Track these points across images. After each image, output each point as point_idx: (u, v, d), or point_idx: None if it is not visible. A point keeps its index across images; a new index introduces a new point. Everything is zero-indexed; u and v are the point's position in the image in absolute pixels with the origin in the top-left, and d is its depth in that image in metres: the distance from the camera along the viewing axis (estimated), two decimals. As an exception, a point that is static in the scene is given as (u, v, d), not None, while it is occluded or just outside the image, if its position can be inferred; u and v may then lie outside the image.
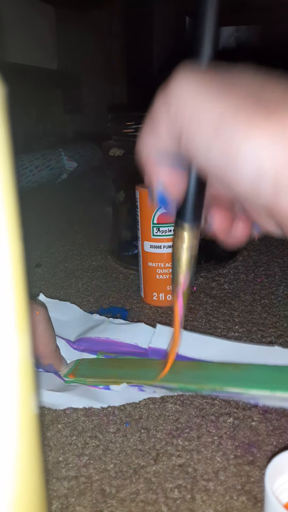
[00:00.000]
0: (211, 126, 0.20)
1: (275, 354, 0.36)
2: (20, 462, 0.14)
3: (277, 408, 0.31)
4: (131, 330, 0.40)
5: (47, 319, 0.34)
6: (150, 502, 0.24)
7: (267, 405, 0.31)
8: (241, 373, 0.35)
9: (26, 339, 0.14)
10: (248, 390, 0.32)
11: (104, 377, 0.35)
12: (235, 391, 0.33)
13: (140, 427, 0.30)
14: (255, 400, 0.32)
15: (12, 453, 0.14)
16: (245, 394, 0.32)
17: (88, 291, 0.51)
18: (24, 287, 0.14)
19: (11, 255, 0.13)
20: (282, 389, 0.32)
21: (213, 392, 0.33)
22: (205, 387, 0.33)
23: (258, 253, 0.60)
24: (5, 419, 0.13)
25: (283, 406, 0.31)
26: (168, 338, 0.39)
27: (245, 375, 0.34)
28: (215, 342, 0.38)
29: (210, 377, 0.34)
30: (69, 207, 0.93)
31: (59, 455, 0.28)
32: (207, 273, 0.55)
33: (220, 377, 0.34)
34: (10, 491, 0.14)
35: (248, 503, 0.24)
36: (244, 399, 0.32)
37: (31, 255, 0.63)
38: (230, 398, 0.32)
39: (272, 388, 0.32)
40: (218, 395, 0.33)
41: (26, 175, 1.03)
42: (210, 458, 0.27)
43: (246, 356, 0.36)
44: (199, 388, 0.33)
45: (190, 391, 0.33)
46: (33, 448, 0.15)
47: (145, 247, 0.46)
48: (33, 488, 0.15)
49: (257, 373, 0.34)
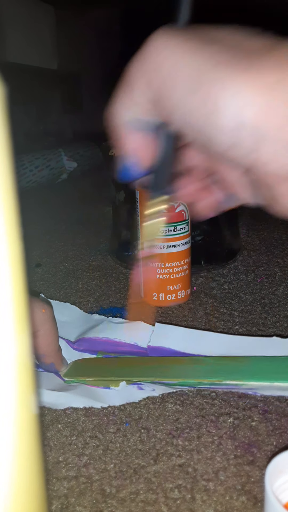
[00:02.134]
0: (189, 80, 0.19)
1: (274, 345, 0.36)
2: (20, 462, 0.14)
3: (276, 404, 0.31)
4: (130, 329, 0.40)
5: (52, 317, 0.34)
6: (150, 502, 0.24)
7: (266, 395, 0.31)
8: (240, 365, 0.35)
9: (26, 339, 0.14)
10: (247, 381, 0.33)
11: (103, 375, 0.35)
12: (234, 383, 0.33)
13: (140, 427, 0.30)
14: (254, 391, 0.32)
15: (12, 453, 0.14)
16: (244, 386, 0.32)
17: (88, 291, 0.51)
18: (24, 287, 0.14)
19: (11, 255, 0.13)
20: (281, 379, 0.32)
21: (212, 386, 0.33)
22: (204, 381, 0.33)
23: (258, 253, 0.60)
24: (5, 419, 0.13)
25: (282, 394, 0.31)
26: (167, 335, 0.39)
27: (244, 367, 0.34)
28: (213, 337, 0.38)
29: (209, 371, 0.34)
30: (69, 207, 0.93)
31: (59, 455, 0.28)
32: (207, 273, 0.55)
33: (219, 370, 0.34)
34: (10, 491, 0.14)
35: (248, 503, 0.24)
36: (243, 391, 0.32)
37: (31, 255, 0.63)
38: (229, 390, 0.32)
39: (271, 379, 0.32)
40: (217, 388, 0.33)
41: (26, 175, 1.03)
42: (210, 458, 0.27)
43: (245, 348, 0.37)
44: (198, 383, 0.33)
45: (189, 386, 0.33)
46: (33, 448, 0.15)
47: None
48: (33, 488, 0.15)
49: (255, 364, 0.34)
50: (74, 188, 1.11)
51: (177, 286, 0.46)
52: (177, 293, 0.47)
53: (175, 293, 0.46)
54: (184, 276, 0.46)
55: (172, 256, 0.45)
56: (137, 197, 0.45)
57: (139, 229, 0.46)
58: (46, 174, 1.09)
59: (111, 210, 0.62)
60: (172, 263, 0.45)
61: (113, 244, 0.62)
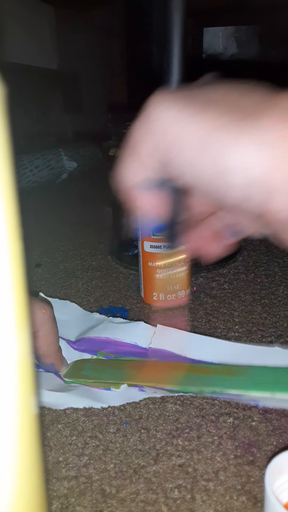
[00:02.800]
0: (197, 142, 0.20)
1: (275, 355, 0.36)
2: (20, 462, 0.14)
3: (278, 408, 0.31)
4: (131, 329, 0.40)
5: (52, 318, 0.34)
6: (150, 502, 0.24)
7: (268, 406, 0.31)
8: (241, 375, 0.35)
9: (26, 339, 0.14)
10: (248, 392, 0.32)
11: (104, 379, 0.35)
12: (235, 393, 0.33)
13: (140, 427, 0.30)
14: (256, 402, 0.32)
15: (12, 453, 0.14)
16: (245, 396, 0.32)
17: (88, 291, 0.51)
18: (24, 287, 0.14)
19: (11, 255, 0.13)
20: (282, 390, 0.32)
21: (213, 394, 0.33)
22: (206, 389, 0.33)
23: (258, 253, 0.60)
24: (5, 419, 0.13)
25: (283, 407, 0.31)
26: (168, 338, 0.39)
27: (245, 377, 0.34)
28: (215, 343, 0.38)
29: (210, 380, 0.34)
30: (69, 207, 0.93)
31: (59, 455, 0.28)
32: (207, 273, 0.55)
33: (220, 380, 0.34)
34: (10, 491, 0.14)
35: (248, 503, 0.24)
36: (244, 401, 0.32)
37: (31, 255, 0.63)
38: (231, 399, 0.32)
39: (272, 390, 0.32)
40: (218, 396, 0.33)
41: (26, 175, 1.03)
42: (210, 458, 0.27)
43: (246, 357, 0.36)
44: (200, 391, 0.33)
45: (190, 393, 0.33)
46: (33, 448, 0.15)
47: (145, 247, 0.46)
48: (33, 488, 0.15)
49: (257, 375, 0.34)
50: (74, 188, 1.11)
51: (177, 286, 0.46)
52: (177, 293, 0.47)
53: (175, 293, 0.46)
54: (184, 276, 0.46)
55: (172, 256, 0.45)
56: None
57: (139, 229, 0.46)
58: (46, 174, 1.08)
59: (111, 210, 0.62)
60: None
61: (113, 244, 0.62)
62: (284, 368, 0.35)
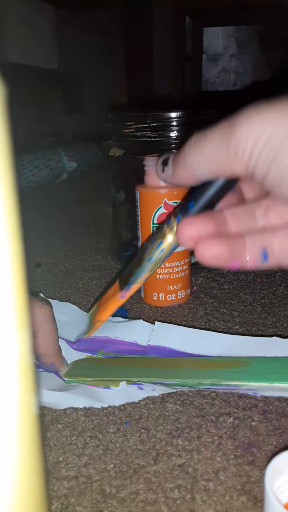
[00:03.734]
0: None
1: (274, 345, 0.36)
2: (20, 462, 0.14)
3: (276, 404, 0.31)
4: (129, 328, 0.40)
5: (52, 317, 0.34)
6: (150, 502, 0.24)
7: (266, 396, 0.32)
8: (240, 366, 0.35)
9: (26, 339, 0.14)
10: (247, 382, 0.33)
11: (103, 376, 0.35)
12: (234, 383, 0.33)
13: (140, 427, 0.30)
14: (254, 392, 0.32)
15: (12, 453, 0.14)
16: (244, 386, 0.32)
17: (88, 291, 0.51)
18: (24, 287, 0.14)
19: (11, 255, 0.13)
20: (281, 380, 0.32)
21: (212, 386, 0.33)
22: (204, 381, 0.33)
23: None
24: (5, 419, 0.13)
25: (282, 395, 0.31)
26: (167, 335, 0.39)
27: (244, 368, 0.34)
28: (213, 337, 0.39)
29: (209, 372, 0.34)
30: (69, 207, 0.93)
31: (59, 455, 0.28)
32: (207, 273, 0.55)
33: (219, 371, 0.34)
34: (10, 491, 0.14)
35: (248, 503, 0.24)
36: (243, 391, 0.32)
37: (31, 255, 0.63)
38: (229, 390, 0.32)
39: (271, 380, 0.33)
40: (216, 388, 0.33)
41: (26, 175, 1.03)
42: (210, 458, 0.27)
43: (245, 349, 0.37)
44: (198, 383, 0.33)
45: (189, 386, 0.33)
46: (33, 448, 0.15)
47: (145, 247, 0.45)
48: (33, 488, 0.15)
49: (256, 366, 0.35)
50: (74, 188, 1.11)
51: (177, 286, 0.46)
52: (177, 293, 0.47)
53: (175, 293, 0.46)
54: (184, 276, 0.46)
55: (172, 256, 0.45)
56: (137, 197, 0.45)
57: (138, 229, 0.46)
58: (46, 174, 1.09)
59: (111, 210, 0.62)
60: (172, 263, 0.45)
61: (113, 244, 0.62)
62: (283, 358, 0.35)
